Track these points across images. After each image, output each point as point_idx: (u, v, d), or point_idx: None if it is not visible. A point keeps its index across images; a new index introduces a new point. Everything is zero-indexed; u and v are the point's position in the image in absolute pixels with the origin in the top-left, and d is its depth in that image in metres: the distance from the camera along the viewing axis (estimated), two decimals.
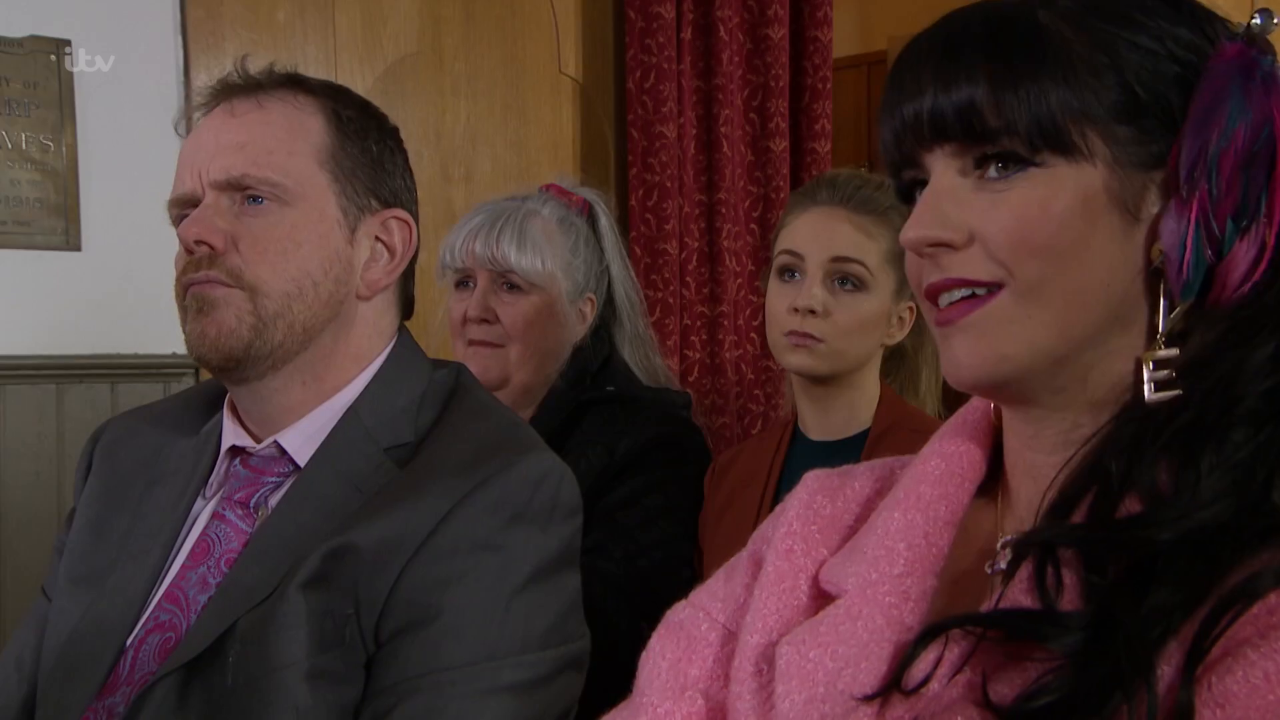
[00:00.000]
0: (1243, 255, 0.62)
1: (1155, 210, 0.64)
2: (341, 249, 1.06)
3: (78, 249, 1.97)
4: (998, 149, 0.65)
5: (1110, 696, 0.55)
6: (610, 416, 1.58)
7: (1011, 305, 0.65)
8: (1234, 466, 0.59)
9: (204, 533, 1.05)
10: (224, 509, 1.05)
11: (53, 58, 1.95)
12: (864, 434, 1.49)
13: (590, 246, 1.68)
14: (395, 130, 1.14)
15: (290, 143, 1.04)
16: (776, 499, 1.50)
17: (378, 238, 1.09)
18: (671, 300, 2.30)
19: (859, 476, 0.82)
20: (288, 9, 2.14)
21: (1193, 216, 0.62)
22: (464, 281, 1.65)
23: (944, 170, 0.67)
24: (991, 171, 0.65)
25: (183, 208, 1.06)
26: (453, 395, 1.09)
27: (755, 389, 2.42)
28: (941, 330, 0.68)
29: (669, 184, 2.29)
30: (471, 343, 1.63)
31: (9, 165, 1.92)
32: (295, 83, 1.08)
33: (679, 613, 0.82)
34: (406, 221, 1.11)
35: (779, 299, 1.49)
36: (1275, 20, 0.65)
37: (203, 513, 1.07)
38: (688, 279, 2.34)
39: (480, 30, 2.31)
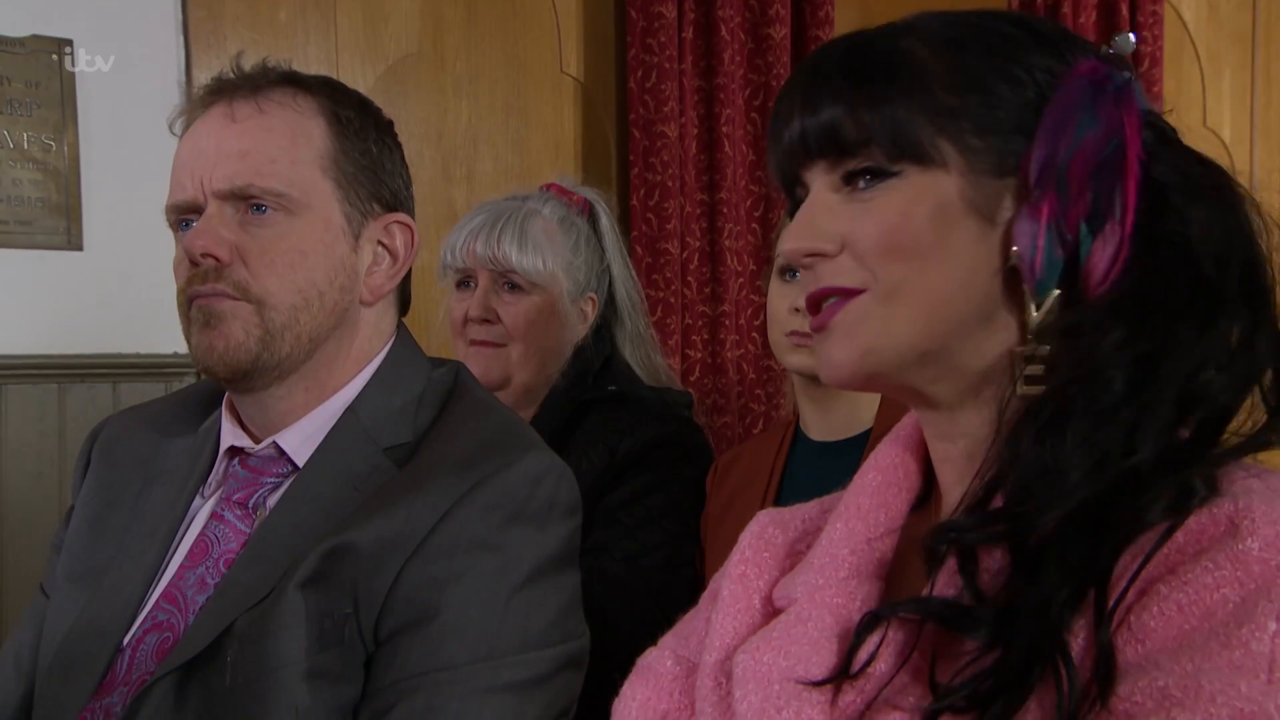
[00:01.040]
0: (1100, 255, 0.66)
1: (1009, 215, 0.68)
2: (346, 257, 1.05)
3: (79, 249, 1.98)
4: (862, 163, 0.70)
5: (1031, 670, 0.58)
6: (612, 416, 1.58)
7: (872, 304, 0.70)
8: (1092, 446, 0.62)
9: (202, 533, 1.04)
10: (222, 509, 1.05)
11: (54, 57, 1.95)
12: (865, 434, 1.48)
13: (591, 246, 1.68)
14: (390, 125, 1.13)
15: (293, 150, 1.03)
16: (778, 499, 1.50)
17: (380, 242, 1.09)
18: (673, 300, 2.30)
19: (809, 508, 0.85)
20: (289, 9, 2.14)
21: (1043, 220, 0.66)
22: (465, 282, 1.65)
23: (820, 186, 0.72)
24: (861, 184, 0.70)
25: (182, 214, 1.05)
26: (451, 394, 1.09)
27: (757, 389, 2.42)
28: (818, 336, 0.73)
29: (670, 183, 2.29)
30: (473, 343, 1.63)
31: (11, 165, 1.93)
32: (293, 81, 1.06)
33: (646, 657, 0.85)
34: (407, 225, 1.10)
35: (780, 299, 1.49)
36: (1134, 40, 0.69)
37: (201, 512, 1.07)
38: (689, 278, 2.34)
39: (482, 30, 2.31)
